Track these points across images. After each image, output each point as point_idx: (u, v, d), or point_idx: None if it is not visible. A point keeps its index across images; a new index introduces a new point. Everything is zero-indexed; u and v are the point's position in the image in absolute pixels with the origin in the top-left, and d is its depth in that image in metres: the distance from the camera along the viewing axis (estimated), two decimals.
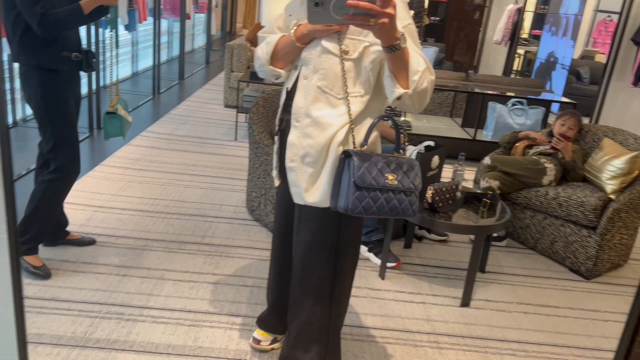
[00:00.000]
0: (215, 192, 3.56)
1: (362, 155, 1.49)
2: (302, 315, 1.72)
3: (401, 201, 1.52)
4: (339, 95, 1.52)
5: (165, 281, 2.45)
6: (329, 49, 1.50)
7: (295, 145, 1.58)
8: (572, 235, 3.00)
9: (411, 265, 2.88)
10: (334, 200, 1.53)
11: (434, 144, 2.77)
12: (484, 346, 2.26)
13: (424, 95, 1.42)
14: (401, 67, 1.38)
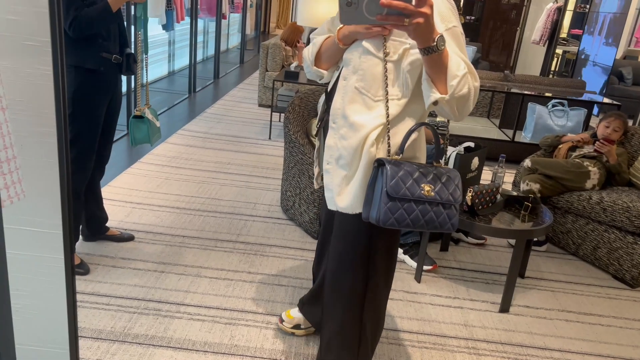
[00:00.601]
0: (250, 190, 3.58)
1: (396, 163, 1.43)
2: (333, 323, 1.71)
3: (438, 214, 1.45)
4: (375, 97, 1.48)
5: (202, 278, 2.47)
6: (370, 50, 1.47)
7: (332, 147, 1.56)
8: (616, 241, 2.89)
9: (448, 269, 2.82)
10: (366, 210, 1.48)
11: (473, 145, 2.71)
12: (524, 354, 2.20)
13: (464, 101, 1.35)
14: (439, 70, 1.32)
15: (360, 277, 1.63)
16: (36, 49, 0.72)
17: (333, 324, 1.71)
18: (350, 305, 1.67)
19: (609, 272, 2.95)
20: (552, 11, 8.29)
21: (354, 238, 1.60)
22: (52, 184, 0.80)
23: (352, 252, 1.62)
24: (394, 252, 1.67)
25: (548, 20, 8.32)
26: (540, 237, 3.14)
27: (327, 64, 1.60)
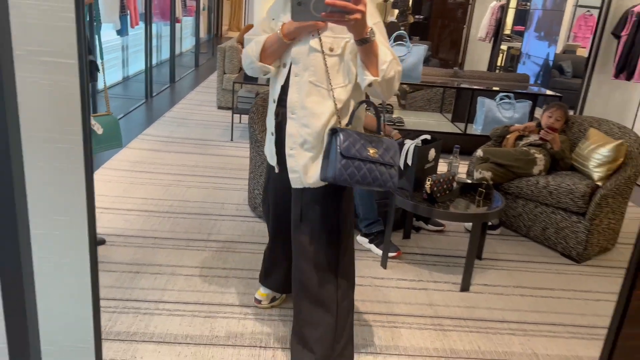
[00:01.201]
0: (217, 191, 3.65)
1: (347, 131, 1.69)
2: (311, 294, 1.87)
3: (382, 173, 1.71)
4: (328, 87, 1.72)
5: (177, 276, 2.54)
6: (316, 48, 1.70)
7: (294, 134, 1.78)
8: (562, 221, 3.14)
9: (411, 255, 3.00)
10: (322, 172, 1.72)
11: (430, 138, 2.89)
12: (484, 327, 2.38)
13: (391, 82, 1.64)
14: (371, 57, 1.59)
15: (334, 246, 1.86)
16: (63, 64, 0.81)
17: (311, 294, 1.87)
18: (328, 274, 1.87)
19: (557, 250, 3.20)
20: (496, 9, 8.70)
21: (323, 209, 1.82)
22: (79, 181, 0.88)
23: (326, 223, 1.83)
24: (352, 220, 1.93)
25: (492, 18, 8.72)
26: (494, 221, 3.37)
27: (272, 59, 1.79)
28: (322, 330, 1.87)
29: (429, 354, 2.16)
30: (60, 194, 0.90)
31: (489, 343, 2.27)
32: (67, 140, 0.86)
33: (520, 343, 2.30)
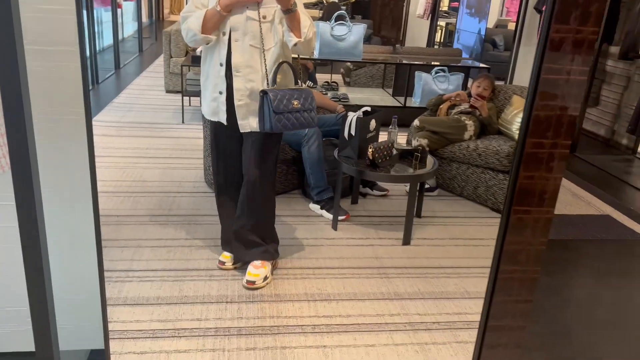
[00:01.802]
0: (173, 171, 3.81)
1: (274, 91, 2.15)
2: (259, 211, 2.42)
3: (305, 117, 2.23)
4: (265, 47, 2.18)
5: (144, 248, 2.73)
6: (252, 17, 2.15)
7: (241, 88, 2.23)
8: (491, 180, 3.52)
9: (359, 217, 3.30)
10: (260, 125, 2.21)
11: (370, 109, 3.17)
12: (423, 273, 2.72)
13: (310, 41, 2.18)
14: (294, 23, 2.10)
15: (272, 173, 2.42)
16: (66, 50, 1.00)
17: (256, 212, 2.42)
18: (269, 194, 2.43)
19: (487, 206, 3.58)
20: None
21: (267, 147, 2.34)
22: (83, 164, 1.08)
23: (268, 156, 2.36)
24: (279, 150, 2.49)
25: None
26: (431, 183, 3.72)
27: (212, 30, 2.18)
28: (267, 233, 2.50)
29: (376, 297, 2.47)
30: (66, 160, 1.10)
31: (427, 285, 2.61)
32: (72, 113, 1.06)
33: (455, 284, 2.65)
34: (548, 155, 1.14)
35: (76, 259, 1.50)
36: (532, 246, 1.22)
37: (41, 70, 1.10)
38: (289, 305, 2.37)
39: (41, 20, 1.08)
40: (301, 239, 2.97)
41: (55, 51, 1.06)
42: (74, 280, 1.58)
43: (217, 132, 2.42)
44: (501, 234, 1.23)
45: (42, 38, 1.08)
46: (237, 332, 2.16)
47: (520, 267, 1.25)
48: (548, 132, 1.11)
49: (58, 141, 1.22)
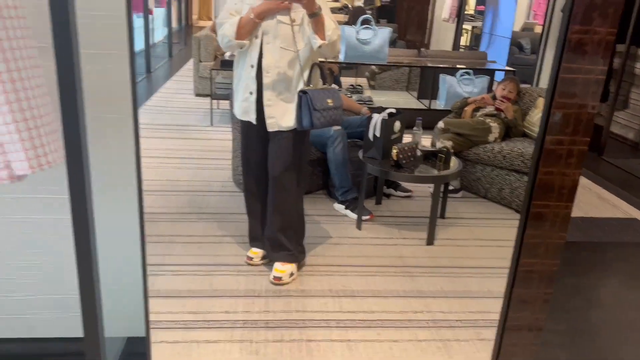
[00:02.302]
0: (203, 171, 3.93)
1: (312, 91, 2.31)
2: (284, 209, 2.51)
3: (336, 114, 2.38)
4: (294, 50, 2.30)
5: (175, 244, 2.84)
6: (282, 21, 2.27)
7: (270, 89, 2.34)
8: (516, 182, 3.53)
9: (383, 217, 3.35)
10: (299, 123, 2.34)
11: (395, 111, 3.23)
12: (447, 272, 2.76)
13: (334, 44, 2.30)
14: (319, 26, 2.22)
15: (298, 171, 2.48)
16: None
17: (285, 209, 2.50)
18: (296, 192, 2.50)
19: (512, 208, 3.60)
20: None
21: (294, 146, 2.42)
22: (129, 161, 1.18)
23: (293, 156, 2.43)
24: (308, 150, 2.65)
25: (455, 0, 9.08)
26: (456, 185, 3.75)
27: (246, 36, 2.31)
28: (291, 232, 2.55)
29: (399, 295, 2.52)
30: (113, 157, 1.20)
31: (450, 284, 2.65)
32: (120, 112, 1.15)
33: (478, 283, 2.68)
34: (567, 151, 1.18)
35: (119, 251, 1.60)
36: (551, 240, 1.27)
37: (92, 72, 1.20)
38: (314, 300, 2.44)
39: (93, 26, 1.18)
40: (326, 237, 3.04)
41: (104, 54, 1.16)
42: (117, 271, 1.69)
43: (247, 131, 2.51)
44: (521, 228, 1.28)
45: (93, 42, 1.18)
46: (264, 324, 2.24)
47: (540, 259, 1.29)
48: (566, 129, 1.16)
49: (105, 139, 1.31)
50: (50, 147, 1.38)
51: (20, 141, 1.29)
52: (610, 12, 1.08)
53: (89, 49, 1.16)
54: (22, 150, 1.29)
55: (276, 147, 2.43)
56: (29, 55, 1.27)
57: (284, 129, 2.38)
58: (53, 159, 1.40)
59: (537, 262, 1.29)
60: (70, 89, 1.02)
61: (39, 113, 1.30)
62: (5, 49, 1.20)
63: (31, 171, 1.32)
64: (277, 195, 2.49)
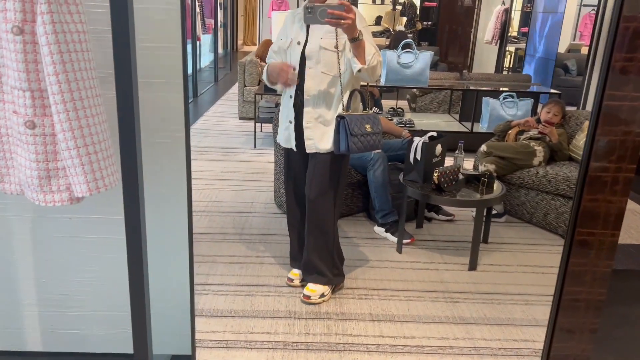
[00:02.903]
0: (245, 193, 4.02)
1: (350, 116, 2.33)
2: (317, 232, 2.53)
3: (374, 140, 2.39)
4: (335, 74, 2.35)
5: (218, 264, 2.91)
6: (325, 47, 2.32)
7: (310, 112, 2.40)
8: (561, 207, 3.45)
9: (424, 241, 3.33)
10: (336, 147, 2.37)
11: (436, 134, 3.23)
12: (490, 299, 2.70)
13: (375, 69, 2.29)
14: (360, 51, 2.22)
15: (333, 196, 2.50)
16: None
17: (319, 233, 2.53)
18: (330, 217, 2.52)
19: (558, 234, 3.50)
20: (501, 13, 9.02)
21: (331, 169, 2.46)
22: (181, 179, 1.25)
23: (330, 179, 2.47)
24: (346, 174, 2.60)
25: (498, 21, 9.03)
26: (499, 209, 3.69)
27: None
28: (325, 255, 2.56)
29: (440, 321, 2.49)
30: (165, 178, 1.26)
31: (493, 311, 2.59)
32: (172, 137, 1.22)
33: (522, 311, 2.61)
34: (612, 178, 1.17)
35: (169, 271, 1.66)
36: (597, 268, 1.24)
37: (148, 99, 1.28)
38: (354, 324, 2.44)
39: (149, 57, 1.26)
40: (366, 260, 3.04)
41: (161, 83, 1.24)
42: (165, 291, 1.75)
43: (289, 155, 2.58)
44: (565, 255, 1.26)
45: (148, 72, 1.26)
46: (304, 346, 2.26)
47: (586, 288, 1.27)
48: (611, 156, 1.15)
49: (159, 162, 1.39)
50: (107, 170, 1.46)
51: (81, 165, 1.38)
52: None
53: (146, 78, 1.24)
54: (82, 174, 1.38)
55: (313, 169, 2.47)
56: (91, 85, 1.37)
57: (322, 151, 2.43)
58: (110, 182, 1.48)
59: (583, 290, 1.27)
60: (129, 116, 1.10)
61: (98, 139, 1.39)
62: (70, 80, 1.30)
63: (89, 193, 1.40)
64: (312, 217, 2.52)
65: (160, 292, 1.70)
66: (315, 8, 2.07)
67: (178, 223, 1.36)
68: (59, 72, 1.28)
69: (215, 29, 9.34)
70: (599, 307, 1.26)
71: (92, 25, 1.45)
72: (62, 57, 1.28)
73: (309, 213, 2.53)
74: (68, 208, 1.75)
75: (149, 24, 1.21)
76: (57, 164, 1.40)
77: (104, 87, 1.44)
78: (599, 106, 1.14)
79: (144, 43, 1.33)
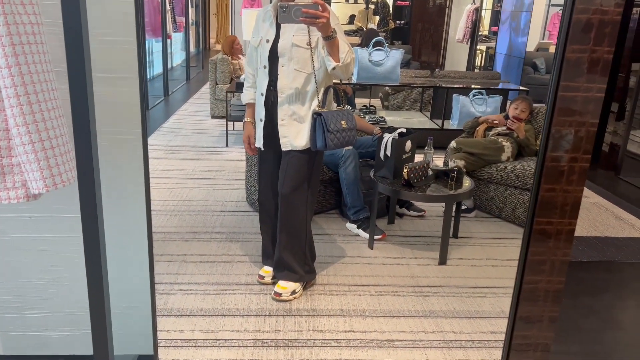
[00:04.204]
0: (217, 191, 3.99)
1: (326, 113, 2.36)
2: (290, 228, 2.52)
3: (349, 135, 2.42)
4: (308, 72, 2.36)
5: (188, 263, 2.87)
6: (297, 44, 2.32)
7: (284, 109, 2.40)
8: (529, 201, 3.51)
9: (395, 237, 3.35)
10: (313, 144, 2.39)
11: (406, 131, 3.25)
12: (459, 292, 2.74)
13: (348, 66, 2.29)
14: (334, 49, 2.23)
15: (306, 190, 2.50)
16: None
17: (291, 228, 2.52)
18: (302, 211, 2.51)
19: None
20: (471, 12, 9.14)
21: (304, 164, 2.45)
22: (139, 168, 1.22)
23: (302, 174, 2.46)
24: (320, 170, 2.60)
25: (468, 20, 9.15)
26: (469, 204, 3.73)
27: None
28: (297, 252, 2.56)
29: (411, 315, 2.51)
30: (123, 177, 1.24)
31: (462, 304, 2.62)
32: (129, 133, 1.20)
33: (491, 303, 2.65)
34: (568, 168, 1.19)
35: (129, 270, 1.63)
36: (555, 257, 1.27)
37: (103, 95, 1.25)
38: (325, 319, 2.44)
39: (105, 51, 1.24)
40: (338, 256, 3.05)
41: (116, 78, 1.21)
42: (126, 290, 1.72)
43: (262, 153, 2.57)
44: (525, 245, 1.28)
45: (106, 66, 1.23)
46: (274, 343, 2.25)
47: (545, 277, 1.29)
48: (567, 146, 1.17)
49: (116, 159, 1.36)
50: (65, 166, 1.43)
51: (37, 161, 1.34)
52: (607, 32, 1.10)
53: (101, 72, 1.21)
54: (37, 170, 1.34)
55: (287, 165, 2.47)
56: (47, 79, 1.33)
57: (297, 148, 2.42)
58: (67, 178, 1.45)
59: (542, 279, 1.29)
60: (82, 111, 1.07)
61: (54, 134, 1.35)
62: (24, 73, 1.26)
63: (46, 190, 1.37)
64: (285, 213, 2.51)
65: (122, 292, 1.66)
66: (289, 7, 2.07)
67: (138, 221, 1.34)
68: (12, 64, 1.24)
69: (187, 27, 9.23)
70: (558, 296, 1.28)
71: (49, 18, 1.42)
72: (14, 50, 1.24)
73: (281, 209, 2.51)
74: (26, 206, 1.70)
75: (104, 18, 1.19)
76: (11, 160, 1.36)
77: (62, 81, 1.40)
78: (554, 97, 1.16)
79: (103, 37, 1.30)
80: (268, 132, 2.48)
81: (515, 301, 1.31)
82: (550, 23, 11.04)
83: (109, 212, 1.45)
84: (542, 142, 1.21)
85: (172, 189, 3.98)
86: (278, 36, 2.36)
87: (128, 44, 1.15)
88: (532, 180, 3.44)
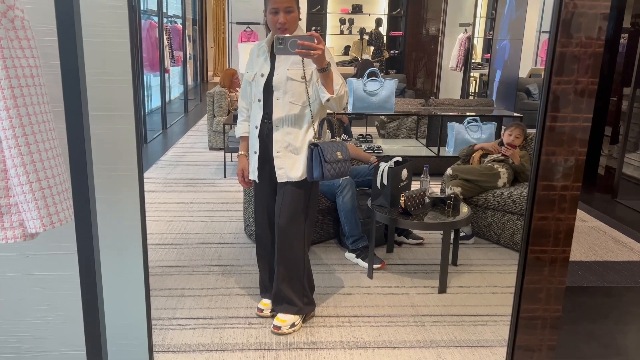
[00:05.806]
0: (215, 223, 3.99)
1: (323, 144, 2.39)
2: (287, 260, 2.51)
3: (344, 166, 2.44)
4: (304, 104, 2.39)
5: (186, 297, 2.85)
6: (292, 78, 2.37)
7: (280, 141, 2.42)
8: (522, 230, 3.51)
9: (394, 266, 3.34)
10: (309, 174, 2.41)
11: (402, 159, 3.28)
12: (460, 321, 2.71)
13: (342, 98, 2.35)
14: (328, 81, 2.28)
15: (303, 222, 2.50)
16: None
17: (288, 260, 2.51)
18: (299, 243, 2.51)
19: None
20: (464, 40, 9.31)
21: (300, 196, 2.46)
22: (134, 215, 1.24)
23: (298, 206, 2.47)
24: (317, 201, 2.63)
25: (461, 49, 9.31)
26: (466, 230, 3.73)
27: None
28: (296, 284, 2.55)
29: (412, 345, 2.48)
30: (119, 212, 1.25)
31: (464, 333, 2.60)
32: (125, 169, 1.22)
33: (492, 331, 2.63)
34: (559, 197, 1.21)
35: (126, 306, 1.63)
36: (551, 285, 1.27)
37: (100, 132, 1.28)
38: (325, 352, 2.41)
39: (101, 89, 1.26)
40: (337, 287, 3.03)
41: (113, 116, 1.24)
42: (123, 326, 1.71)
43: (257, 186, 2.58)
44: (520, 274, 1.28)
45: (102, 104, 1.26)
46: None
47: (542, 305, 1.29)
48: (557, 175, 1.19)
49: (112, 196, 1.38)
50: (62, 205, 1.44)
51: (34, 200, 1.35)
52: (590, 63, 1.14)
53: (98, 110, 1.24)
54: (35, 209, 1.35)
55: (283, 197, 2.47)
56: (45, 119, 1.36)
57: (294, 179, 2.43)
58: (65, 216, 1.46)
59: (539, 307, 1.29)
60: (79, 150, 1.09)
61: (52, 173, 1.37)
62: (22, 115, 1.29)
63: (43, 229, 1.37)
64: (282, 245, 2.50)
65: (121, 328, 1.65)
66: (285, 39, 2.13)
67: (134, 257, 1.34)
68: (10, 107, 1.27)
69: (185, 61, 9.37)
70: (556, 324, 1.28)
71: (46, 59, 1.45)
72: (12, 92, 1.27)
73: (278, 241, 2.51)
74: (23, 245, 1.71)
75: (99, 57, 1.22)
76: (9, 200, 1.37)
77: (60, 121, 1.42)
78: (542, 127, 1.19)
79: (99, 77, 1.33)
80: (263, 164, 2.50)
81: (513, 330, 1.31)
82: (542, 49, 11.23)
83: (105, 247, 1.46)
84: (532, 172, 1.23)
85: (170, 222, 3.98)
86: (273, 70, 2.40)
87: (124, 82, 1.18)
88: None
